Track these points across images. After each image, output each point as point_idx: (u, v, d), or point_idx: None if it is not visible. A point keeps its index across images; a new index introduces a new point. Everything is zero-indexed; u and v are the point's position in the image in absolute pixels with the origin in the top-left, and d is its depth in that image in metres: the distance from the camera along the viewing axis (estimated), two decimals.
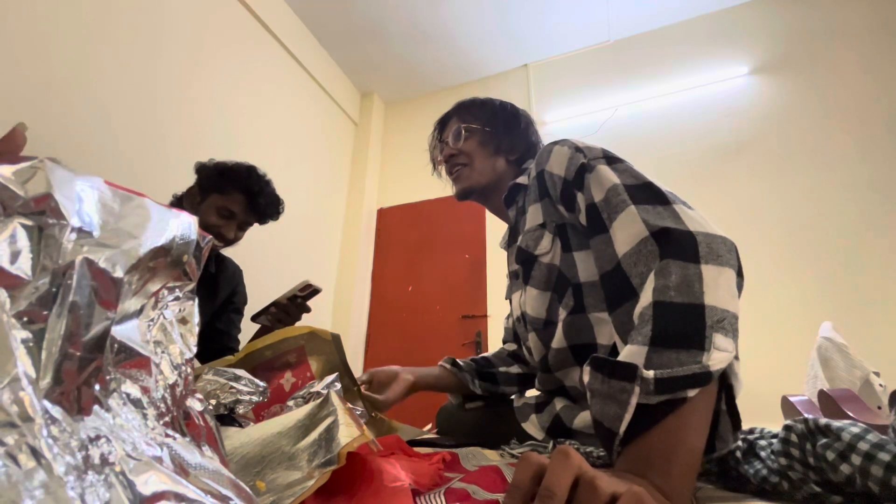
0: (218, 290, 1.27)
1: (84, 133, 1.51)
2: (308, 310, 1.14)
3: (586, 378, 0.41)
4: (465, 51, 2.97)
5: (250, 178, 1.18)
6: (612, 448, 0.37)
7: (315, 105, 2.89)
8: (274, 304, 1.10)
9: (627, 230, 0.49)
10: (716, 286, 0.40)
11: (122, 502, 0.18)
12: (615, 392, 0.37)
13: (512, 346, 0.95)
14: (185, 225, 0.27)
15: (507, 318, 0.97)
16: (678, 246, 0.44)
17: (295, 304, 1.09)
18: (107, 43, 1.61)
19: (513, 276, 0.82)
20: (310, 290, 1.09)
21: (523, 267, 0.71)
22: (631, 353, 0.39)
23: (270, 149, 2.41)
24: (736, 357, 0.39)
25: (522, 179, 0.77)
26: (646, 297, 0.42)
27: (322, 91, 2.93)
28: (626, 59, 2.75)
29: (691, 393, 0.35)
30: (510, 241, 0.84)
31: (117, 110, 1.62)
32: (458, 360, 0.91)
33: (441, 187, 1.05)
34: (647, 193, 0.51)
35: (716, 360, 0.37)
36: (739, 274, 0.44)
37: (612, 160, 0.58)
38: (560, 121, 2.82)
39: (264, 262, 2.19)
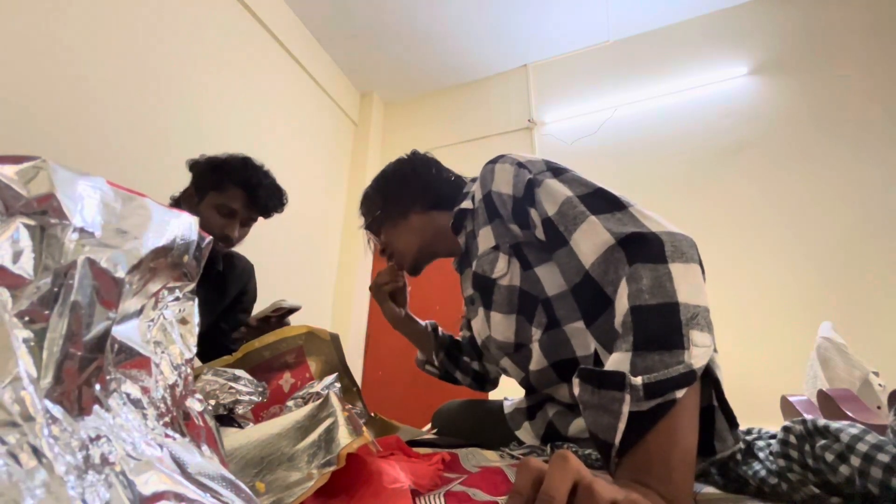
0: (226, 288, 1.24)
1: (82, 133, 1.51)
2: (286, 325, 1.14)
3: (576, 391, 0.41)
4: (465, 51, 2.97)
5: (246, 170, 1.10)
6: (609, 459, 0.37)
7: (314, 105, 2.88)
8: (246, 325, 1.09)
9: (591, 240, 0.49)
10: (685, 283, 0.41)
11: (122, 502, 0.18)
12: (606, 402, 0.37)
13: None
14: (185, 225, 0.27)
15: (462, 331, 0.98)
16: (645, 249, 0.44)
17: (268, 324, 1.07)
18: (105, 43, 1.61)
19: (468, 301, 0.81)
20: (283, 311, 1.07)
21: (482, 292, 0.70)
22: (616, 361, 0.39)
23: (270, 149, 2.41)
24: (714, 350, 0.40)
25: (467, 204, 0.76)
26: (622, 305, 0.43)
27: (321, 91, 2.93)
28: (626, 60, 2.75)
29: (679, 394, 0.36)
30: (462, 265, 0.83)
31: (115, 110, 1.62)
32: (439, 329, 0.97)
33: None
34: (602, 201, 0.52)
35: (696, 356, 0.37)
36: (702, 268, 0.45)
37: (557, 171, 0.59)
38: (560, 121, 2.82)
39: (263, 262, 2.16)
